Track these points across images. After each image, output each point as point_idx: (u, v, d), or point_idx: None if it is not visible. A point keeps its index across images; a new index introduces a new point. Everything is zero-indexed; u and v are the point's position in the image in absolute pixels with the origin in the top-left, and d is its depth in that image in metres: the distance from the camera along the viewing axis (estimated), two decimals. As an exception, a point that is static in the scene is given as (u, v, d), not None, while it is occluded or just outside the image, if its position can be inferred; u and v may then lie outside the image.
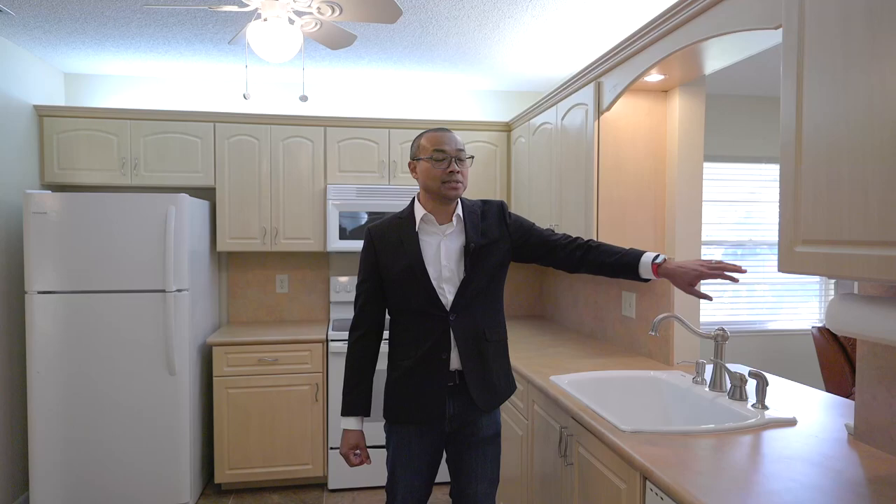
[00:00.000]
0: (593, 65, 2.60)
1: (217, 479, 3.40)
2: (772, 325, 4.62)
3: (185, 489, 3.17)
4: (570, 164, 2.87)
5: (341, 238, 3.67)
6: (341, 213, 3.67)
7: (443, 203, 1.88)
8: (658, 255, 1.86)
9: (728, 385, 2.04)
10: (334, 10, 2.09)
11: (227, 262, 3.98)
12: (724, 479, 1.38)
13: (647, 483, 1.49)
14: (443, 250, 1.88)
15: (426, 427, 1.92)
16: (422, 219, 1.88)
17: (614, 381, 2.38)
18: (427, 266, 1.85)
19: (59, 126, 3.50)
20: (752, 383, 1.96)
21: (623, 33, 2.98)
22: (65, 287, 3.05)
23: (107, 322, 3.09)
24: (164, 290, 3.11)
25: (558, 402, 2.09)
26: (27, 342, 3.03)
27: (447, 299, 1.87)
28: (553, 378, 2.31)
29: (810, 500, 1.27)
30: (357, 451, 1.93)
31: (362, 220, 3.69)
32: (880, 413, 1.62)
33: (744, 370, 2.24)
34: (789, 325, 4.63)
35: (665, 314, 2.19)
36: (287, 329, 3.68)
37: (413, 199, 1.94)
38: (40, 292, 3.03)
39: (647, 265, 1.85)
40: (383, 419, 1.99)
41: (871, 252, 1.14)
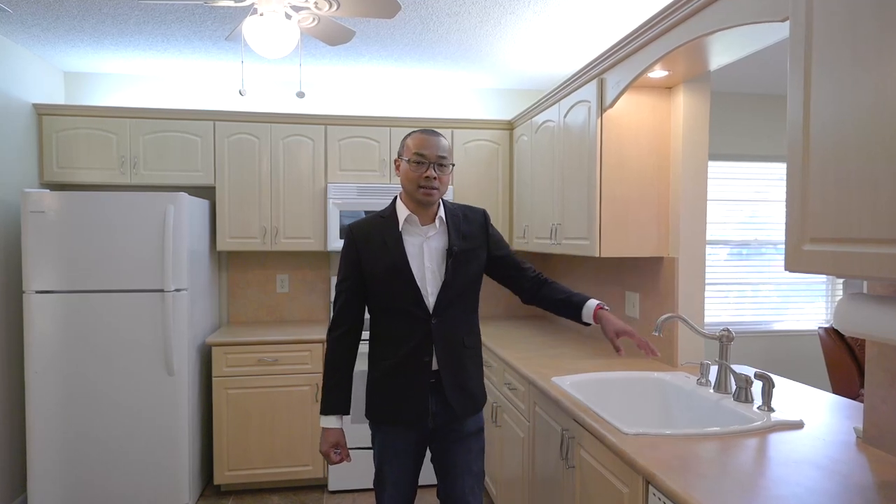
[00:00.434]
0: (596, 61, 2.56)
1: (216, 481, 3.38)
2: (777, 326, 4.58)
3: (184, 490, 3.15)
4: (572, 162, 2.83)
5: (342, 237, 3.64)
6: (342, 213, 3.64)
7: (421, 205, 1.88)
8: (601, 302, 1.98)
9: (733, 387, 2.00)
10: (332, 6, 2.06)
11: (227, 262, 3.95)
12: (729, 483, 1.35)
13: (651, 487, 1.46)
14: (426, 251, 1.89)
15: (411, 424, 1.93)
16: (405, 219, 1.88)
17: (617, 383, 2.35)
18: (411, 266, 1.86)
19: (59, 125, 3.48)
20: (757, 385, 1.92)
21: (626, 29, 2.94)
22: (63, 287, 3.03)
23: (105, 322, 3.07)
24: (162, 290, 3.09)
25: (559, 404, 2.06)
26: (25, 342, 3.01)
27: (430, 301, 1.88)
28: (554, 379, 2.28)
29: (818, 507, 1.24)
30: (337, 450, 1.93)
31: (363, 220, 3.66)
32: (890, 416, 1.58)
33: (749, 371, 2.20)
34: (795, 325, 4.58)
35: (669, 314, 2.15)
36: (287, 329, 3.65)
37: (395, 198, 1.95)
38: (38, 292, 3.01)
39: (590, 309, 1.97)
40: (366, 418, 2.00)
41: (880, 250, 1.11)
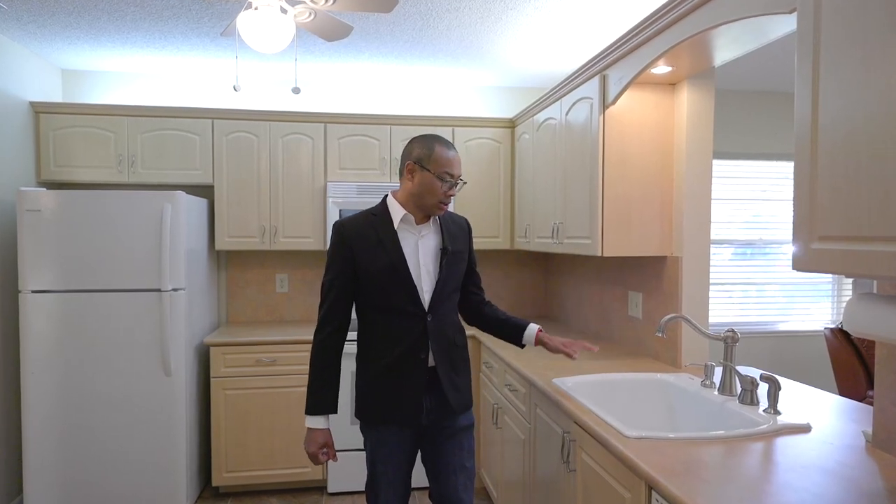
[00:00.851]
0: (598, 57, 2.52)
1: (214, 482, 3.34)
2: (782, 327, 4.52)
3: (181, 492, 3.12)
4: (574, 159, 2.79)
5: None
6: (342, 212, 3.60)
7: (425, 212, 1.92)
8: (540, 326, 2.10)
9: (738, 389, 1.96)
10: (328, 0, 2.03)
11: (226, 261, 3.92)
12: (734, 489, 1.30)
13: (653, 493, 1.42)
14: (420, 250, 1.92)
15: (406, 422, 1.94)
16: (402, 219, 1.90)
17: (619, 384, 2.31)
18: (408, 264, 1.89)
19: (56, 123, 3.45)
20: (763, 387, 1.88)
21: (630, 24, 2.90)
22: (59, 286, 3.00)
23: (102, 322, 3.03)
24: (159, 290, 3.06)
25: (561, 406, 2.02)
26: (21, 342, 2.98)
27: (425, 299, 1.91)
28: (556, 380, 2.24)
29: (827, 514, 1.20)
30: (325, 450, 1.92)
31: (363, 219, 3.62)
32: (900, 420, 1.53)
33: (755, 373, 2.16)
34: (801, 326, 4.53)
35: (672, 315, 2.11)
36: (287, 329, 3.62)
37: (385, 197, 1.95)
38: (34, 291, 2.98)
39: (532, 332, 2.08)
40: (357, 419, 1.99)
41: (891, 248, 1.07)
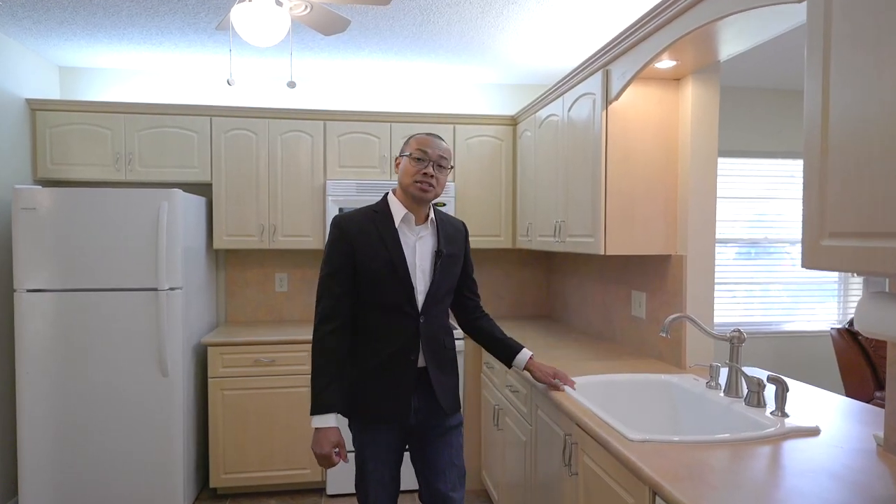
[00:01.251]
0: (601, 51, 2.47)
1: (212, 484, 3.30)
2: (788, 327, 4.46)
3: (178, 494, 3.08)
4: (576, 157, 2.74)
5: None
6: (341, 210, 3.56)
7: (416, 202, 1.90)
8: (532, 353, 2.14)
9: (745, 390, 1.91)
10: (325, -8, 1.98)
11: (224, 260, 3.88)
12: (740, 495, 1.25)
13: (657, 498, 1.37)
14: (418, 251, 1.92)
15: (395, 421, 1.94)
16: (402, 218, 1.90)
17: (622, 385, 2.26)
18: (407, 264, 1.89)
19: (52, 120, 3.42)
20: (770, 389, 1.83)
21: (634, 18, 2.84)
22: (55, 285, 2.97)
23: (98, 321, 3.00)
24: (156, 289, 3.02)
25: (562, 408, 1.97)
26: (16, 342, 2.94)
27: (419, 300, 1.91)
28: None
29: (840, 522, 1.15)
30: (337, 450, 1.86)
31: (362, 217, 3.58)
32: (913, 423, 1.48)
33: (762, 374, 2.11)
34: (806, 326, 4.47)
35: (677, 314, 2.06)
36: (286, 329, 3.58)
37: (387, 195, 1.96)
38: (29, 290, 2.95)
39: (524, 357, 2.10)
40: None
41: (908, 244, 1.02)
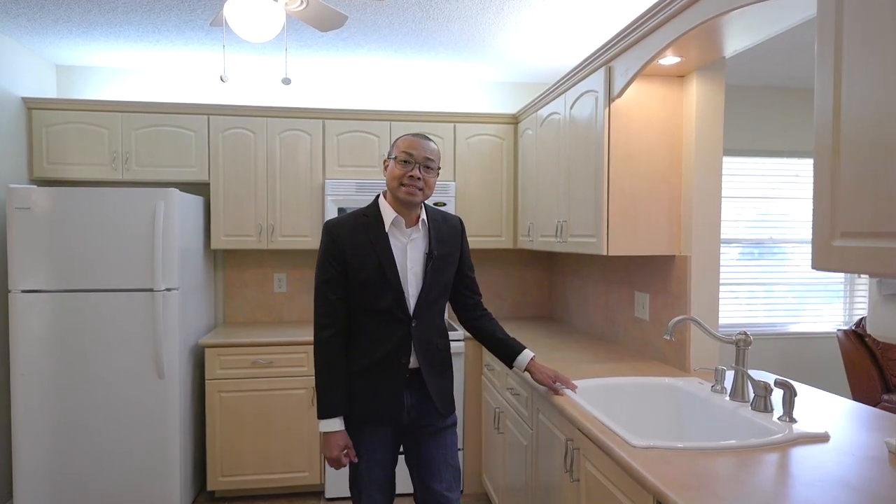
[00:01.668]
0: (603, 48, 2.42)
1: (210, 487, 3.26)
2: (792, 328, 4.41)
3: (175, 497, 3.04)
4: (579, 155, 2.69)
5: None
6: (340, 210, 3.52)
7: (405, 206, 1.87)
8: (534, 354, 2.11)
9: (751, 394, 1.86)
10: (321, -13, 1.94)
11: (223, 261, 3.84)
12: (750, 507, 1.21)
13: (662, 508, 1.32)
14: (409, 254, 1.90)
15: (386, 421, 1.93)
16: (392, 221, 1.88)
17: (625, 389, 2.21)
18: (397, 268, 1.87)
19: (49, 119, 3.38)
20: (777, 393, 1.78)
21: (637, 13, 2.79)
22: (50, 286, 2.93)
23: (93, 322, 2.96)
24: (152, 290, 2.98)
25: (563, 412, 1.93)
26: (10, 343, 2.91)
27: (410, 304, 1.89)
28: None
29: (853, 535, 1.10)
30: (346, 451, 1.89)
31: (362, 217, 3.53)
32: (927, 430, 1.43)
33: (769, 378, 2.06)
34: (811, 327, 4.41)
35: (681, 317, 2.01)
36: (285, 330, 3.53)
37: (377, 198, 1.94)
38: (24, 291, 2.91)
39: (526, 358, 2.08)
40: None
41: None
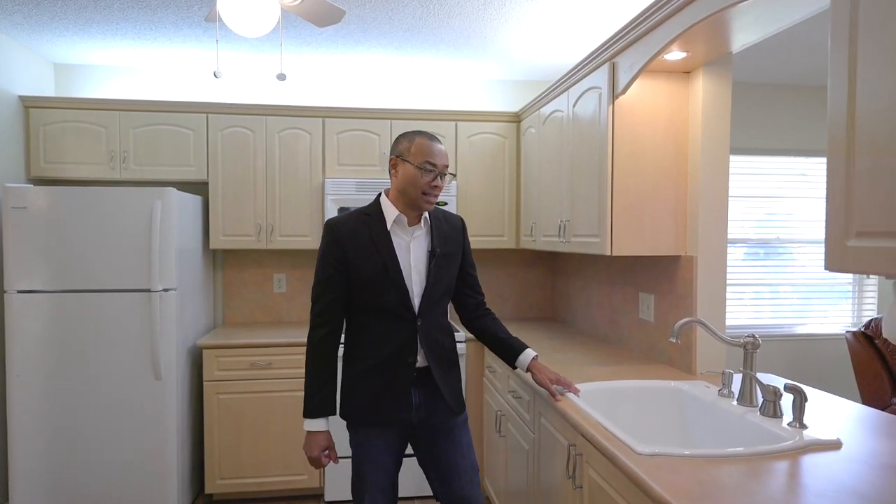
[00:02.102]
0: (607, 43, 2.37)
1: (207, 490, 3.22)
2: (800, 330, 4.34)
3: (172, 499, 3.00)
4: (582, 153, 2.64)
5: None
6: (341, 209, 3.47)
7: (415, 209, 1.87)
8: (536, 354, 2.07)
9: (759, 399, 1.80)
10: (318, -19, 1.89)
11: (222, 261, 3.80)
12: (760, 519, 1.15)
13: (668, 519, 1.27)
14: (412, 253, 1.88)
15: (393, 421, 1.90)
16: (395, 220, 1.86)
17: (629, 392, 2.16)
18: (400, 266, 1.85)
19: (46, 118, 3.34)
20: (787, 397, 1.72)
21: (641, 7, 2.74)
22: (46, 286, 2.89)
23: (90, 323, 2.92)
24: (149, 290, 2.94)
25: (566, 416, 1.87)
26: (6, 344, 2.88)
27: (415, 302, 1.87)
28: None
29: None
30: (327, 452, 1.90)
31: (362, 217, 3.49)
32: (945, 437, 1.38)
33: (778, 383, 2.00)
34: (819, 329, 4.34)
35: (687, 319, 1.96)
36: (285, 331, 3.49)
37: (379, 196, 1.91)
38: (20, 291, 2.87)
39: (528, 358, 2.04)
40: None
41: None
